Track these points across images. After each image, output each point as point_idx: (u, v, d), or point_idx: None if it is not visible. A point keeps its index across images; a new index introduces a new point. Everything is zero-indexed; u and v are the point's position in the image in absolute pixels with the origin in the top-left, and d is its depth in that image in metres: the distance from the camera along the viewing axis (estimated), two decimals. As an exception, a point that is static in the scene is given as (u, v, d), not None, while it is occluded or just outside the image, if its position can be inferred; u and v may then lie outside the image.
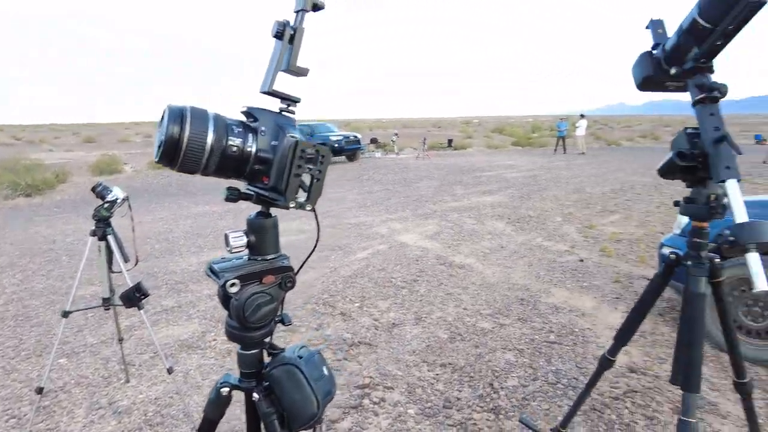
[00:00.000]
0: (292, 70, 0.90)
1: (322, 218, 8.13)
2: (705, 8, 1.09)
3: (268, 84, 0.91)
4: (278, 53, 0.89)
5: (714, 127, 1.10)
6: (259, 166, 0.91)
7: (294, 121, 0.94)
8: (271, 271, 0.99)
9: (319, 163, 0.91)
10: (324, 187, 0.96)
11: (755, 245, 0.95)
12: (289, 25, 0.89)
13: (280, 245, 1.02)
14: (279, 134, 0.90)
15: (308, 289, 4.64)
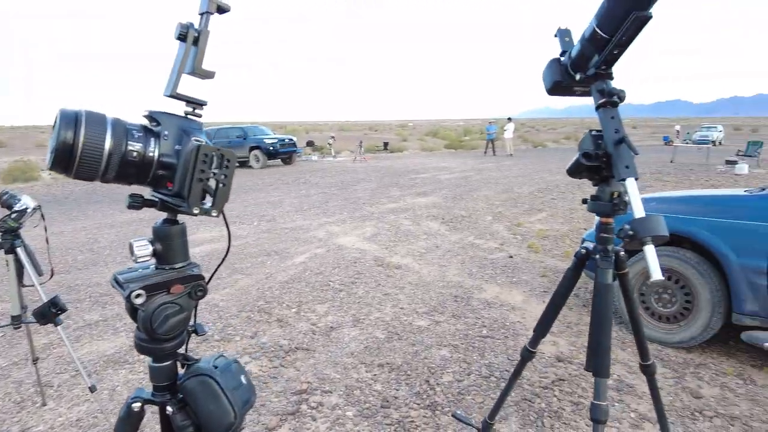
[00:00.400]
0: (198, 72, 0.88)
1: (258, 223, 7.97)
2: (602, 20, 1.19)
3: (171, 87, 0.88)
4: (182, 56, 0.88)
5: (614, 129, 1.20)
6: (163, 172, 0.88)
7: (200, 124, 0.92)
8: (179, 280, 0.95)
9: (224, 168, 0.90)
10: (231, 192, 0.95)
11: (651, 238, 1.05)
12: (192, 27, 0.88)
13: (189, 253, 1.00)
14: (183, 138, 0.88)
15: (243, 296, 4.54)
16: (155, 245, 0.94)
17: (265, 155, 18.46)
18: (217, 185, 0.90)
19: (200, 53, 0.88)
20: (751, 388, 2.92)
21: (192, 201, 0.87)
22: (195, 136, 0.88)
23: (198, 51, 0.88)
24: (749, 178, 13.33)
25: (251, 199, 10.73)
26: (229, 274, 5.20)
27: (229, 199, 0.93)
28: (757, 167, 16.40)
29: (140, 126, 0.88)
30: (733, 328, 3.42)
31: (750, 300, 3.02)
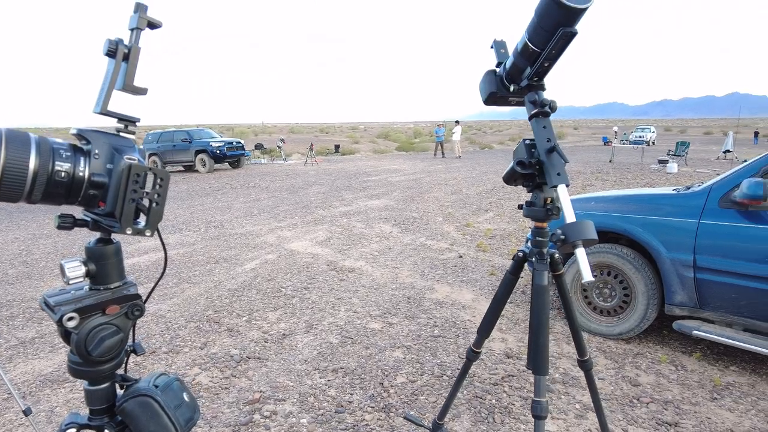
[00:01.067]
0: (129, 89, 0.86)
1: (206, 229, 7.75)
2: (532, 34, 1.25)
3: (101, 104, 0.86)
4: (112, 72, 0.86)
5: (546, 138, 1.26)
6: (94, 191, 0.86)
7: (132, 142, 0.90)
8: (114, 301, 0.93)
9: (158, 187, 0.88)
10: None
11: (582, 241, 1.11)
12: (122, 43, 0.86)
13: (125, 272, 0.97)
14: (115, 157, 0.86)
15: (191, 305, 4.40)
16: (88, 265, 0.90)
17: (211, 159, 17.95)
18: (151, 204, 0.88)
19: (131, 69, 0.85)
20: (682, 374, 3.13)
21: (124, 221, 0.85)
22: (127, 155, 0.86)
23: (129, 67, 0.85)
24: (678, 176, 14.23)
25: (198, 204, 10.42)
26: (176, 284, 5.03)
27: (162, 218, 0.91)
28: (685, 166, 17.56)
29: (68, 145, 0.84)
30: (666, 319, 3.66)
31: (680, 291, 3.23)
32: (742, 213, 3.02)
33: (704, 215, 3.15)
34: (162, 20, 0.87)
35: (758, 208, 2.96)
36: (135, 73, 0.86)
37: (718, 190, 3.14)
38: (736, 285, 3.01)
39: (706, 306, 3.16)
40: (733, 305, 3.06)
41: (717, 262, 3.07)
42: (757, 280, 2.93)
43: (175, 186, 14.05)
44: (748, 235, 2.98)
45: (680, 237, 3.21)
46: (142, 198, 0.86)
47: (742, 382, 3.04)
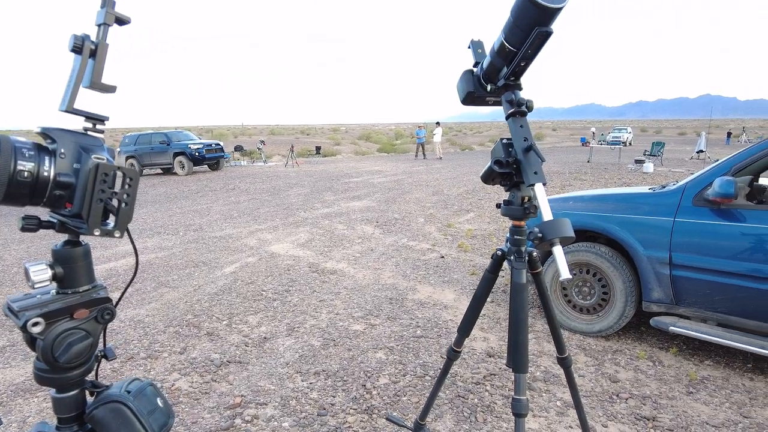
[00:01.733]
0: (96, 86, 0.84)
1: (185, 232, 7.63)
2: (508, 34, 1.25)
3: (67, 101, 0.83)
4: (78, 69, 0.83)
5: (523, 137, 1.27)
6: (61, 192, 0.83)
7: (101, 141, 0.88)
8: (83, 305, 0.89)
9: (127, 186, 0.86)
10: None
11: (559, 239, 1.12)
12: (89, 39, 0.83)
13: (94, 274, 0.94)
14: (82, 156, 0.83)
15: (170, 310, 4.32)
16: (55, 268, 0.87)
17: (190, 161, 17.71)
18: (120, 205, 0.85)
19: (98, 66, 0.83)
20: (659, 369, 3.19)
21: (92, 222, 0.82)
22: (95, 154, 0.83)
23: (96, 64, 0.83)
24: (654, 175, 14.54)
25: (176, 207, 10.26)
26: (154, 288, 4.94)
27: (132, 219, 0.89)
28: (661, 166, 17.94)
29: (32, 144, 0.81)
30: (644, 315, 3.72)
31: (656, 288, 3.29)
32: (715, 211, 3.09)
33: (679, 213, 3.21)
34: (131, 17, 0.85)
35: (730, 206, 3.04)
36: (103, 69, 0.83)
37: (692, 189, 3.21)
38: (709, 281, 3.08)
39: (682, 302, 3.23)
40: (707, 301, 3.12)
41: (691, 259, 3.13)
42: (729, 276, 3.00)
43: (153, 189, 13.82)
44: (720, 232, 3.05)
45: (656, 235, 3.27)
46: (110, 198, 0.83)
47: (717, 376, 3.11)
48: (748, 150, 3.15)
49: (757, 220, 2.97)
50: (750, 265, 2.92)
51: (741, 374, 3.14)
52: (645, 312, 3.49)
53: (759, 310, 2.96)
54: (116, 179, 0.84)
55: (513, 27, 1.20)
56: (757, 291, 2.92)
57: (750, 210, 3.03)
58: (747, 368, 3.22)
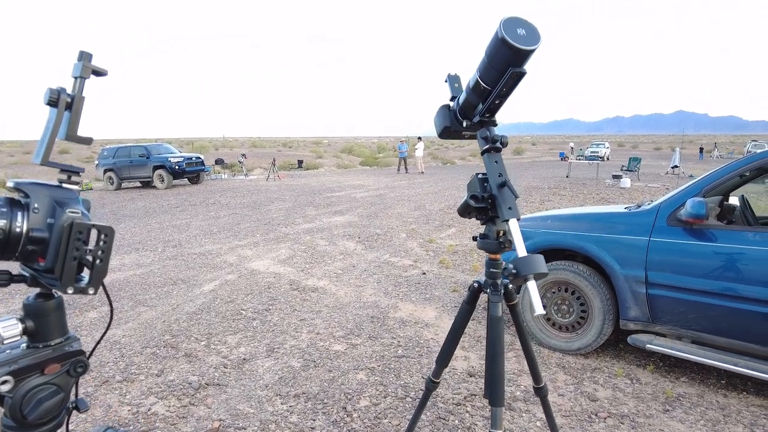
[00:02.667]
0: (73, 138, 0.83)
1: (163, 249, 7.52)
2: (483, 73, 1.29)
3: (42, 155, 0.83)
4: (53, 121, 0.83)
5: (498, 173, 1.30)
6: (33, 247, 0.82)
7: (76, 194, 0.87)
8: (55, 359, 0.87)
9: (102, 243, 0.85)
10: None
11: (533, 275, 1.14)
12: (65, 92, 0.83)
13: (67, 326, 0.92)
14: (56, 211, 0.82)
15: (147, 330, 4.24)
16: (26, 323, 0.85)
17: (170, 175, 17.51)
18: (94, 261, 0.84)
19: (75, 118, 0.83)
20: (637, 387, 3.23)
21: (65, 279, 0.81)
22: (70, 208, 0.83)
23: (72, 116, 0.83)
24: (631, 190, 14.85)
25: (155, 222, 10.11)
26: (131, 307, 4.84)
27: (107, 274, 0.88)
28: (638, 181, 18.34)
29: (4, 199, 0.81)
30: (622, 333, 3.77)
31: (633, 307, 3.35)
32: (688, 231, 3.17)
33: (654, 233, 3.28)
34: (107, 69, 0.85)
35: (701, 226, 3.12)
36: (79, 122, 0.83)
37: (666, 209, 3.29)
38: (683, 300, 3.15)
39: (658, 320, 3.29)
40: (681, 319, 3.19)
41: (666, 278, 3.20)
42: (702, 294, 3.08)
43: (131, 203, 13.60)
44: (692, 251, 3.13)
45: (632, 254, 3.33)
46: (85, 255, 0.82)
47: (692, 393, 3.16)
48: (717, 171, 3.25)
49: (726, 240, 3.06)
50: (720, 284, 3.00)
51: (715, 391, 3.20)
52: (622, 330, 3.55)
53: (730, 328, 3.03)
54: (90, 236, 0.83)
55: (487, 67, 1.23)
56: (728, 309, 2.99)
57: (720, 230, 3.12)
58: (720, 385, 3.28)
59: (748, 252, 2.95)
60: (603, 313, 3.51)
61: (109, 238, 0.85)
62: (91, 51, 0.84)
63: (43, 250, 0.81)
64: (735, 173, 3.17)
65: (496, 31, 1.14)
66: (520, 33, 1.12)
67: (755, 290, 2.88)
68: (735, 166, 3.18)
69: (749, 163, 3.14)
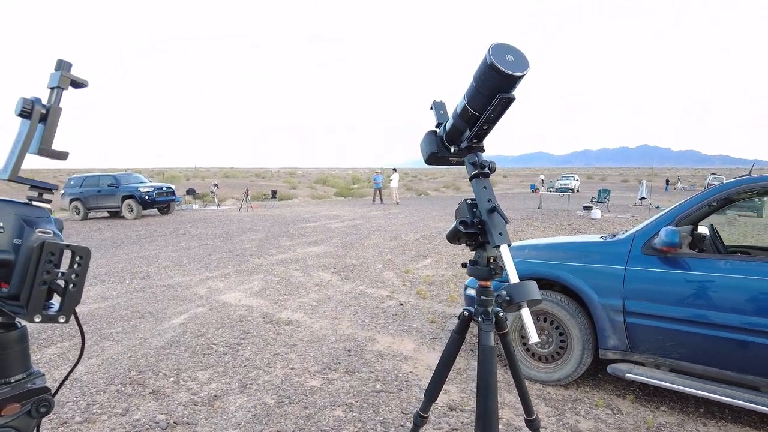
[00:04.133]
0: (46, 152, 0.77)
1: (131, 281, 7.25)
2: (471, 98, 1.28)
3: (10, 170, 0.76)
4: (25, 134, 0.76)
5: (487, 198, 1.28)
6: None
7: (47, 212, 0.80)
8: (15, 398, 0.78)
9: (76, 266, 0.78)
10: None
11: (526, 302, 1.11)
12: (39, 103, 0.77)
13: (30, 360, 0.83)
14: (24, 230, 0.75)
15: (112, 366, 4.01)
16: None
17: (140, 205, 17.11)
18: (67, 286, 0.76)
19: (49, 131, 0.76)
20: (618, 417, 3.19)
21: (32, 307, 0.73)
22: (40, 228, 0.75)
23: (47, 129, 0.76)
24: (602, 221, 15.20)
25: (123, 254, 9.78)
26: (95, 342, 4.60)
27: (80, 301, 0.80)
28: (608, 212, 18.81)
29: None
30: (601, 362, 3.76)
31: (612, 336, 3.35)
32: (662, 259, 3.22)
33: (630, 262, 3.32)
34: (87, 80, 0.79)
35: (676, 254, 3.17)
36: (54, 135, 0.77)
37: (641, 238, 3.34)
38: (661, 328, 3.17)
39: (637, 349, 3.29)
40: (660, 347, 3.20)
41: (643, 306, 3.22)
42: (678, 322, 3.10)
43: (98, 234, 13.18)
44: (668, 279, 3.17)
45: (610, 283, 3.35)
46: (56, 278, 0.74)
47: (672, 422, 3.15)
48: (688, 201, 3.33)
49: (699, 268, 3.12)
50: (695, 311, 3.03)
51: (695, 419, 3.19)
52: (602, 359, 3.53)
53: (706, 355, 3.05)
54: (63, 258, 0.75)
55: (475, 92, 1.23)
56: (703, 336, 3.02)
57: (693, 258, 3.18)
58: (699, 413, 3.28)
59: (720, 280, 3.01)
60: (582, 342, 3.50)
61: (84, 261, 0.78)
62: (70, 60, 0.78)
63: (7, 274, 0.73)
64: (704, 203, 3.25)
65: (485, 56, 1.14)
66: (509, 59, 1.12)
67: (728, 317, 2.93)
68: (705, 196, 3.27)
69: (717, 193, 3.24)
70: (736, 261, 3.08)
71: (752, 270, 2.96)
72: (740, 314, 2.90)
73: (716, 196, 3.23)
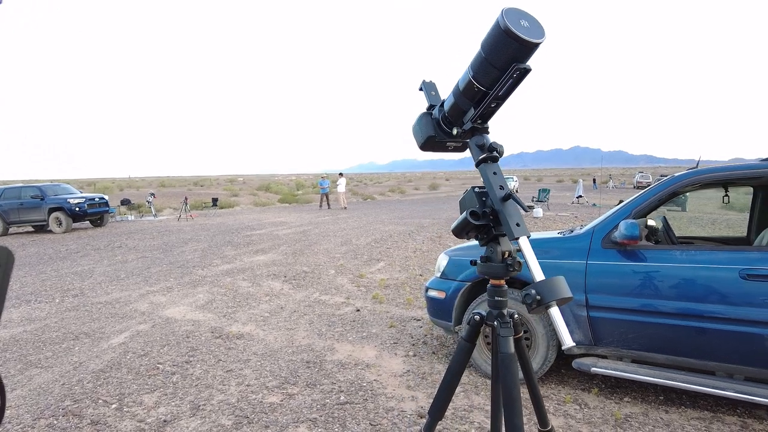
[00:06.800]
0: None
1: (62, 299, 6.64)
2: (478, 71, 1.13)
3: None
4: None
5: (499, 185, 1.15)
6: None
7: None
8: None
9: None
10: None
11: (555, 301, 0.99)
12: None
13: None
14: None
15: (41, 397, 3.59)
16: None
17: (69, 217, 15.90)
18: None
19: None
20: (586, 412, 3.19)
21: None
22: None
23: None
24: (544, 219, 15.70)
25: (51, 270, 8.99)
26: (20, 371, 4.11)
27: (3, 310, 0.61)
28: (548, 210, 19.49)
29: None
30: (563, 357, 3.77)
31: (576, 330, 3.35)
32: (622, 252, 3.26)
33: (590, 256, 3.34)
34: None
35: (635, 247, 3.22)
36: None
37: (600, 232, 3.37)
38: (623, 320, 3.20)
39: (600, 342, 3.31)
40: (622, 339, 3.23)
41: (606, 300, 3.24)
42: (639, 313, 3.14)
43: (21, 250, 12.09)
44: (628, 272, 3.21)
45: (572, 278, 3.35)
46: None
47: (637, 412, 3.18)
48: (643, 195, 3.40)
49: (657, 259, 3.17)
50: (655, 302, 3.09)
51: (657, 407, 3.24)
52: (565, 354, 3.53)
53: (667, 344, 3.10)
54: None
55: (485, 64, 1.08)
56: (663, 326, 3.07)
57: (651, 250, 3.24)
58: (660, 401, 3.34)
59: (677, 270, 3.07)
60: (547, 339, 3.48)
61: (8, 265, 0.60)
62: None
63: None
64: (657, 196, 3.33)
65: (497, 21, 1.00)
66: (524, 24, 0.99)
67: (687, 306, 2.99)
68: (657, 190, 3.35)
69: (669, 186, 3.32)
70: (692, 251, 3.16)
71: (706, 259, 3.05)
72: (697, 302, 2.97)
73: (669, 189, 3.31)
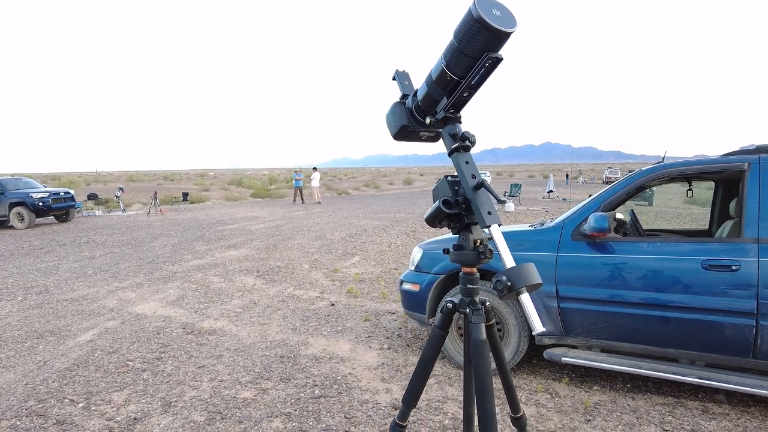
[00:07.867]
0: None
1: (24, 296, 6.42)
2: (451, 60, 1.13)
3: None
4: None
5: (471, 174, 1.16)
6: None
7: None
8: None
9: None
10: None
11: (526, 287, 1.01)
12: None
13: None
14: None
15: (2, 399, 3.46)
16: None
17: (32, 212, 15.34)
18: None
19: None
20: (558, 401, 3.26)
21: None
22: None
23: None
24: (516, 213, 15.94)
25: (13, 267, 8.67)
26: (-21, 371, 3.96)
27: None
28: (520, 205, 19.80)
29: None
30: (534, 348, 3.84)
31: (547, 321, 3.42)
32: (591, 244, 3.34)
33: (561, 248, 3.41)
34: None
35: (604, 239, 3.30)
36: None
37: (570, 225, 3.44)
38: (592, 311, 3.28)
39: (570, 333, 3.39)
40: (592, 330, 3.31)
41: (576, 291, 3.32)
42: (608, 303, 3.23)
43: (-21, 247, 11.61)
44: (597, 263, 3.29)
45: (543, 270, 3.42)
46: None
47: (606, 400, 3.27)
48: (612, 188, 3.48)
49: (625, 251, 3.26)
50: (623, 292, 3.18)
51: (624, 395, 3.34)
52: (537, 345, 3.60)
53: (634, 333, 3.20)
54: None
55: (457, 53, 1.09)
56: (631, 316, 3.17)
57: (619, 242, 3.32)
58: (627, 388, 3.45)
59: (644, 261, 3.17)
60: (518, 330, 3.55)
61: None
62: None
63: None
64: (625, 189, 3.41)
65: (470, 10, 1.00)
66: (496, 13, 1.00)
67: (653, 296, 3.09)
68: (625, 183, 3.43)
69: (636, 179, 3.41)
70: (658, 243, 3.25)
71: (671, 250, 3.15)
72: (663, 292, 3.07)
73: (636, 182, 3.40)
